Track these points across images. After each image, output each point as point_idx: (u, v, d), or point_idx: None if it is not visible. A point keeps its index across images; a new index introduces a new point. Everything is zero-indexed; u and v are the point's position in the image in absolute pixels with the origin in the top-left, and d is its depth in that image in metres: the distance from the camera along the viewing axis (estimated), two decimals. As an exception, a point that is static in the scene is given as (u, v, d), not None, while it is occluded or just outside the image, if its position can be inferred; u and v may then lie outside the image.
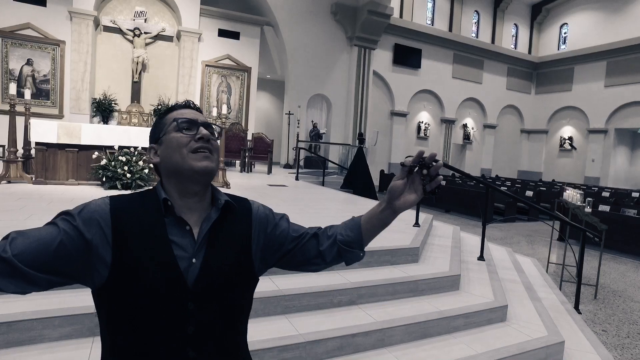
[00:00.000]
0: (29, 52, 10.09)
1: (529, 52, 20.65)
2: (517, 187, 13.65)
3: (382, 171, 15.94)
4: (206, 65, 12.28)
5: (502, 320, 3.20)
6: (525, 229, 9.88)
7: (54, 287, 0.85)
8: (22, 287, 0.79)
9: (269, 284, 2.81)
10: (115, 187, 5.57)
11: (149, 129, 1.06)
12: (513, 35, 20.23)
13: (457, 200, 11.97)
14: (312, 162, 13.03)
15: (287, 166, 13.35)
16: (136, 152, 5.86)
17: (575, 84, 19.21)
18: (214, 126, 0.97)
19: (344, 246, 1.02)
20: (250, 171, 10.71)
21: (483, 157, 19.95)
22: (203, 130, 0.93)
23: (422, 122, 18.11)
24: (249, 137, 11.50)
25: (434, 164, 0.93)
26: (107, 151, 5.81)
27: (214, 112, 8.09)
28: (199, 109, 1.00)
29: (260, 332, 2.39)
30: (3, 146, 8.33)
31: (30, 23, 9.99)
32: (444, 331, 2.86)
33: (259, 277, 1.03)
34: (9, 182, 5.54)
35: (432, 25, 17.55)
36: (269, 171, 10.73)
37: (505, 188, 12.90)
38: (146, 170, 5.77)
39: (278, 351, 2.26)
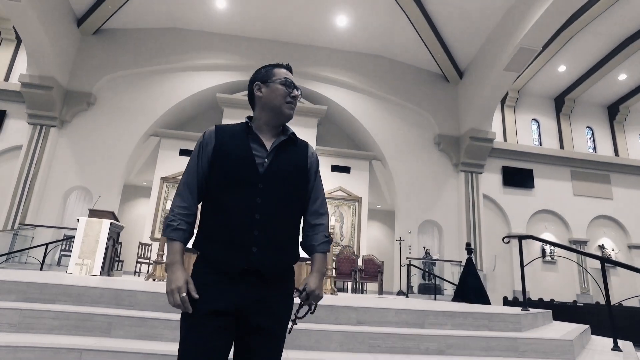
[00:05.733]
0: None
1: (669, 161, 18.52)
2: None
3: (505, 298, 14.40)
4: (320, 196, 13.65)
5: (634, 391, 2.70)
6: None
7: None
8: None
9: (356, 327, 2.93)
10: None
11: None
12: (641, 147, 18.67)
13: (598, 322, 10.07)
14: (426, 288, 12.61)
15: (400, 293, 13.01)
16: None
17: None
18: (299, 90, 1.53)
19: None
20: (362, 292, 10.77)
21: (637, 282, 16.85)
22: (297, 92, 1.50)
23: (547, 245, 16.55)
24: (360, 262, 11.83)
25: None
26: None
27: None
28: (292, 71, 1.54)
29: (344, 357, 2.49)
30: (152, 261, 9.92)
31: (186, 171, 12.77)
32: (550, 386, 2.55)
33: None
34: (154, 280, 6.63)
35: (540, 145, 17.31)
36: (380, 292, 10.65)
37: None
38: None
39: (358, 370, 2.32)
